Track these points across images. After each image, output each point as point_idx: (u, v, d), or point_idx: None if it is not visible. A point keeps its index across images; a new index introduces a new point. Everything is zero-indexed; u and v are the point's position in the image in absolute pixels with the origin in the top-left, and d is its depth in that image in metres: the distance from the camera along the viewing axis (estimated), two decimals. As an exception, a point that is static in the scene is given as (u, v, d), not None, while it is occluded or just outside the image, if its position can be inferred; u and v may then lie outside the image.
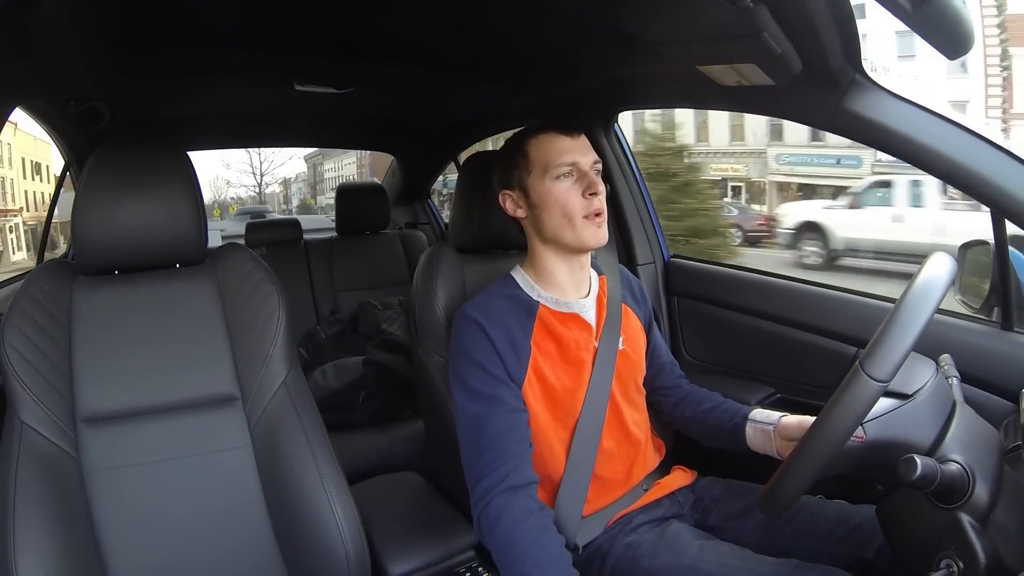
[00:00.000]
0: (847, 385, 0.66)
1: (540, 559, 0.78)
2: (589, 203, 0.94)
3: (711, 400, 1.08)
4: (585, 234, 0.94)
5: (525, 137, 0.98)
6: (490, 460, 0.85)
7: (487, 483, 0.84)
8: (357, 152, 22.63)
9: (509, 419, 0.88)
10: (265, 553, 0.93)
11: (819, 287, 1.33)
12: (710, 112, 9.66)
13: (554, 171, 0.94)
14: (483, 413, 0.89)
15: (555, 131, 0.97)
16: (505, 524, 0.80)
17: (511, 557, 0.79)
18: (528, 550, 0.78)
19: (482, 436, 0.87)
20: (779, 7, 0.79)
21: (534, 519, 0.82)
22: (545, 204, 0.95)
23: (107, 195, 0.91)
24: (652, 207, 1.63)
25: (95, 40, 1.10)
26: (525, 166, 0.97)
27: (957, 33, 0.74)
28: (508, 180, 0.99)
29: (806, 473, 0.69)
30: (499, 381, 0.91)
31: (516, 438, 0.87)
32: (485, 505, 0.83)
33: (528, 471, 0.86)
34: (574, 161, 0.95)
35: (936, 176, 0.91)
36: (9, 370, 0.85)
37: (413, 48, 1.41)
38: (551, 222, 0.95)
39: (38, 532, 0.77)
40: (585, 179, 0.95)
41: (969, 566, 0.65)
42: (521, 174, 0.97)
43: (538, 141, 0.97)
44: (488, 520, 0.82)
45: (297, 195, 30.40)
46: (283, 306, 0.99)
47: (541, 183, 0.95)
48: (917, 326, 0.65)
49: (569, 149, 0.95)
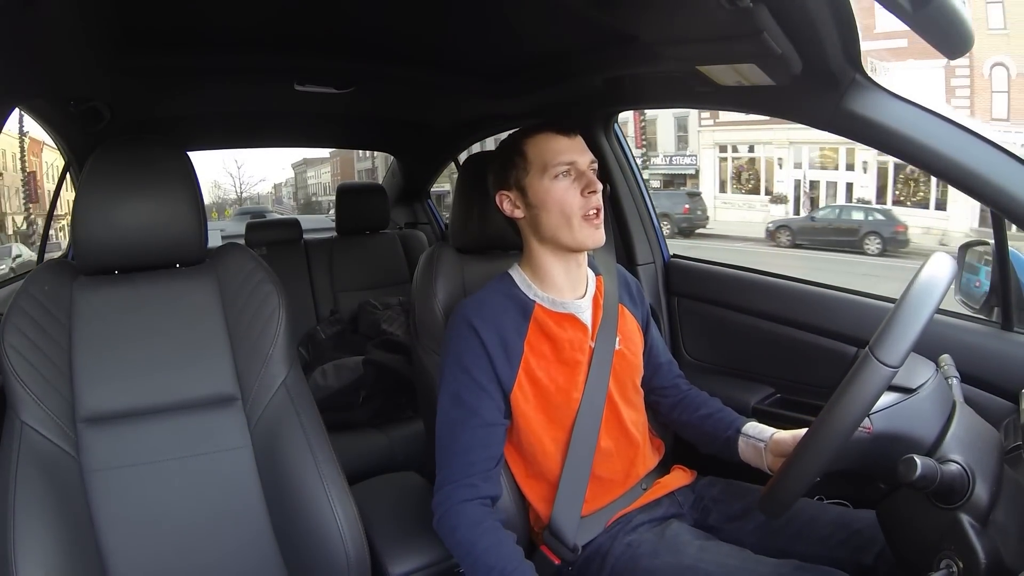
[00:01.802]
0: (857, 371, 0.66)
1: (501, 553, 0.85)
2: (587, 201, 0.94)
3: (708, 407, 1.08)
4: (583, 234, 0.95)
5: (522, 137, 0.98)
6: (457, 470, 0.90)
7: (450, 490, 0.90)
8: (331, 162, 30.15)
9: (482, 434, 0.92)
10: (265, 553, 0.93)
11: (819, 287, 1.33)
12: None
13: (552, 170, 0.95)
14: (460, 421, 0.92)
15: (552, 131, 0.97)
16: (465, 527, 0.87)
17: (474, 555, 0.86)
18: (489, 548, 0.85)
19: (455, 443, 0.92)
20: (779, 7, 0.79)
21: (490, 522, 0.88)
22: (543, 204, 0.95)
23: (107, 195, 0.91)
24: (652, 207, 1.63)
25: (95, 40, 1.10)
26: (523, 166, 0.97)
27: (956, 33, 0.75)
28: (505, 180, 0.99)
29: (812, 465, 0.69)
30: (483, 390, 0.93)
31: (487, 454, 0.92)
32: (446, 509, 0.89)
33: (489, 485, 0.91)
34: (572, 160, 0.95)
35: (936, 176, 0.91)
36: (9, 370, 0.85)
37: (413, 48, 1.41)
38: (549, 222, 0.95)
39: (38, 532, 0.77)
40: (583, 178, 0.95)
41: (969, 566, 0.65)
42: (519, 174, 0.97)
43: (535, 141, 0.97)
44: (449, 524, 0.89)
45: (286, 197, 37.17)
46: (283, 306, 0.99)
47: (540, 182, 0.95)
48: (925, 313, 0.66)
49: (567, 149, 0.95)
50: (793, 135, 13.51)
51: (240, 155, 32.68)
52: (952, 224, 9.22)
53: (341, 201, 2.33)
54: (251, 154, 60.89)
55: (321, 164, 33.35)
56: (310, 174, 35.41)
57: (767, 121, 13.55)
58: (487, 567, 0.84)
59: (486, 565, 0.84)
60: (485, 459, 0.91)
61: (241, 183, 32.24)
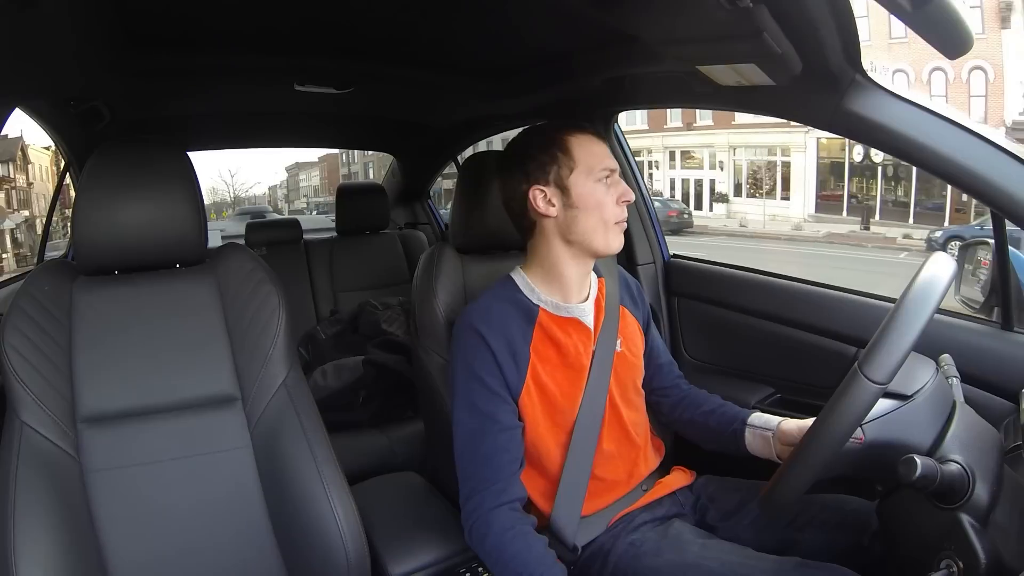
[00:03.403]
0: (845, 387, 0.67)
1: (529, 559, 0.84)
2: (620, 210, 0.95)
3: (710, 403, 1.08)
4: (615, 241, 0.96)
5: (563, 134, 0.95)
6: (484, 478, 0.90)
7: (479, 499, 0.89)
8: (319, 166, 34.39)
9: (503, 439, 0.91)
10: (265, 553, 0.93)
11: (819, 287, 1.33)
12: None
13: (598, 173, 0.94)
14: (479, 430, 0.91)
15: (592, 134, 0.97)
16: (496, 533, 0.87)
17: (503, 562, 0.85)
18: (519, 552, 0.85)
19: (477, 452, 0.91)
20: (779, 7, 0.79)
21: (519, 527, 0.88)
22: (586, 205, 0.93)
23: (107, 195, 0.91)
24: (652, 207, 1.63)
25: (95, 40, 1.10)
26: (567, 163, 0.94)
27: (956, 33, 0.74)
28: (543, 175, 0.94)
29: (805, 474, 0.70)
30: (497, 396, 0.92)
31: (509, 458, 0.91)
32: (477, 519, 0.89)
33: (516, 487, 0.91)
34: (613, 168, 0.95)
35: (936, 176, 0.91)
36: (9, 370, 0.85)
37: (413, 48, 1.41)
38: (587, 224, 0.94)
39: (38, 533, 0.77)
40: (619, 187, 0.95)
41: (969, 566, 0.65)
42: (562, 171, 0.94)
43: (581, 141, 0.95)
44: (480, 532, 0.88)
45: (281, 198, 40.16)
46: (283, 306, 0.99)
47: (585, 183, 0.93)
48: (915, 329, 0.65)
49: (607, 155, 0.96)
50: (668, 141, 15.86)
51: (234, 163, 35.46)
52: (791, 211, 11.24)
53: (341, 201, 2.33)
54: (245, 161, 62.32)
55: (311, 167, 36.84)
56: (302, 177, 38.46)
57: (647, 130, 15.62)
58: (516, 573, 0.83)
59: (515, 571, 0.83)
60: (509, 463, 0.91)
61: (235, 189, 35.76)
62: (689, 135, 15.10)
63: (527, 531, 0.87)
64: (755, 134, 14.08)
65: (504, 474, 0.90)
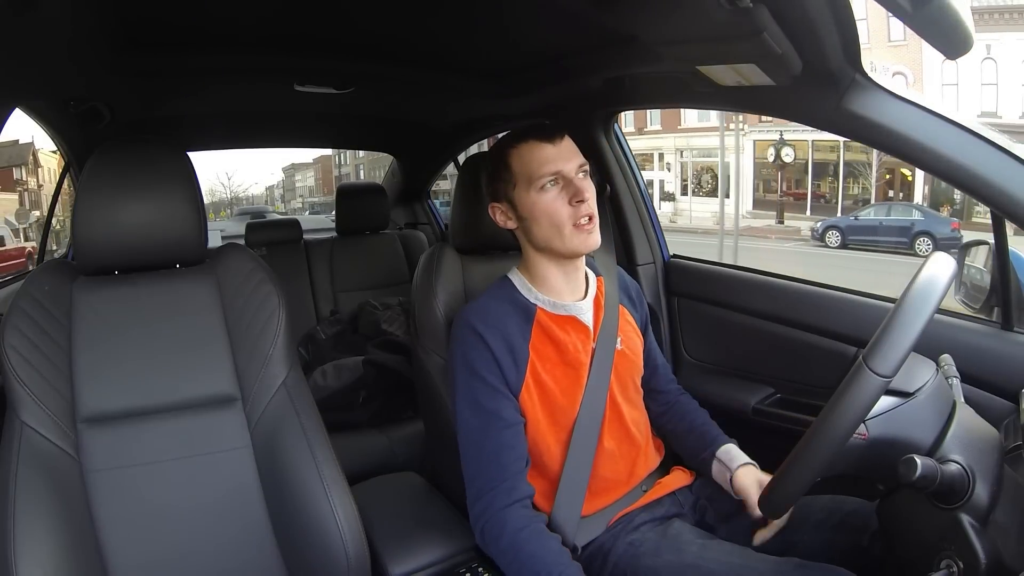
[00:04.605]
0: (850, 380, 0.66)
1: (546, 558, 0.84)
2: (576, 210, 0.92)
3: (693, 419, 1.09)
4: (575, 242, 0.93)
5: (506, 148, 0.96)
6: (491, 476, 0.89)
7: (489, 499, 0.88)
8: (313, 168, 35.89)
9: (507, 436, 0.91)
10: (265, 553, 0.93)
11: (819, 287, 1.33)
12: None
13: (538, 182, 0.92)
14: (484, 428, 0.91)
15: (536, 139, 0.94)
16: (509, 533, 0.86)
17: (520, 561, 0.84)
18: (534, 552, 0.84)
19: (483, 451, 0.91)
20: (779, 7, 0.79)
21: (533, 525, 0.87)
22: (533, 216, 0.94)
23: (107, 195, 0.91)
24: (652, 207, 1.63)
25: (95, 40, 1.10)
26: (510, 179, 0.95)
27: (957, 33, 0.74)
28: (495, 193, 0.98)
29: (807, 472, 0.69)
30: (499, 392, 0.92)
31: (515, 456, 0.91)
32: (488, 519, 0.88)
33: (525, 485, 0.91)
34: (557, 170, 0.92)
35: (936, 176, 0.91)
36: (9, 370, 0.85)
37: (413, 49, 1.41)
38: (541, 233, 0.94)
39: (38, 533, 0.77)
40: (571, 187, 0.92)
41: (969, 566, 0.65)
42: (506, 188, 0.96)
43: (519, 152, 0.94)
44: (493, 532, 0.87)
45: (278, 198, 41.73)
46: (283, 306, 0.99)
47: (527, 196, 0.93)
48: (920, 321, 0.65)
49: (552, 158, 0.93)
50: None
51: (230, 166, 36.38)
52: (730, 209, 11.74)
53: (341, 201, 2.33)
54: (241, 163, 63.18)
55: (307, 169, 38.41)
56: (298, 177, 39.81)
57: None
58: (534, 573, 0.83)
59: (533, 571, 0.83)
60: (515, 460, 0.90)
61: (232, 190, 37.11)
62: (640, 139, 15.81)
63: (541, 529, 0.87)
64: (698, 137, 15.17)
65: (511, 472, 0.89)
